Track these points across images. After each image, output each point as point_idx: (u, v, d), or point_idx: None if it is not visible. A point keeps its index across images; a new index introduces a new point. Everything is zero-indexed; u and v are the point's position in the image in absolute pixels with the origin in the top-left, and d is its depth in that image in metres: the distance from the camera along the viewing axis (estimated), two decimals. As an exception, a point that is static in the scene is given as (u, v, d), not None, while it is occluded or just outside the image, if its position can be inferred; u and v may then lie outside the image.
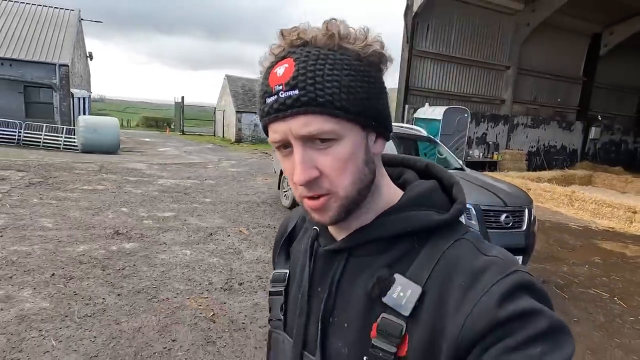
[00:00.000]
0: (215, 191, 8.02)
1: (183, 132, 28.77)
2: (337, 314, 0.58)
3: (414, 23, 11.94)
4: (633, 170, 15.49)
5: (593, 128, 16.62)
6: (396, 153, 4.71)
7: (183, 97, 29.66)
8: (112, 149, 14.06)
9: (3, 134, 14.22)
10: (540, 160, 15.50)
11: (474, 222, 3.75)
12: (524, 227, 3.98)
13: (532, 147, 15.31)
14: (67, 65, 15.19)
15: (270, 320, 0.70)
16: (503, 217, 3.90)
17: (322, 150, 0.51)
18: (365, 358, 0.54)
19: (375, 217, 0.58)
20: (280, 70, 0.50)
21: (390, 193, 0.60)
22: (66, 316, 2.99)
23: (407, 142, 6.06)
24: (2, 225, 4.76)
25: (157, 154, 14.86)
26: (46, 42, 15.87)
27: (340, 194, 0.53)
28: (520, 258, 3.92)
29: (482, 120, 13.96)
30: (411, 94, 12.61)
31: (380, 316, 0.53)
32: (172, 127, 31.85)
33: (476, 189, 4.21)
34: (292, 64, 0.50)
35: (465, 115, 11.36)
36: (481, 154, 13.86)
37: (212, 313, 3.26)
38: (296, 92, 0.49)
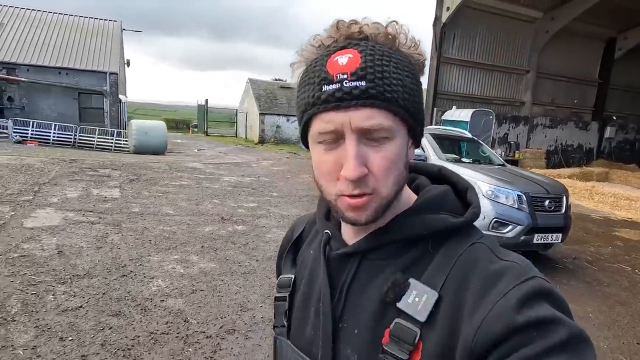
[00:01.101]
0: (275, 187, 9.12)
1: (207, 134, 30.07)
2: (346, 319, 0.57)
3: (442, 33, 12.96)
4: (647, 168, 16.27)
5: (608, 127, 17.29)
6: (440, 150, 5.76)
7: (207, 100, 31.00)
8: (160, 150, 15.18)
9: (62, 137, 15.57)
10: (558, 158, 16.32)
11: (524, 206, 4.78)
12: (563, 211, 5.00)
13: (550, 146, 16.14)
14: (117, 74, 16.50)
15: (274, 327, 0.69)
16: (547, 202, 4.92)
17: (374, 147, 0.50)
18: None
19: (390, 220, 0.57)
20: (343, 59, 0.49)
21: (405, 197, 0.59)
22: (232, 273, 4.10)
23: (453, 142, 7.11)
24: (139, 212, 5.92)
25: (198, 155, 15.95)
26: (96, 52, 17.23)
27: (383, 194, 0.52)
28: (560, 235, 4.94)
29: (504, 121, 14.89)
30: (439, 97, 13.65)
31: (394, 322, 0.51)
32: (194, 128, 33.20)
33: (524, 181, 5.24)
34: (357, 55, 0.49)
35: (491, 117, 12.31)
36: (503, 153, 14.75)
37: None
38: (363, 83, 0.48)
